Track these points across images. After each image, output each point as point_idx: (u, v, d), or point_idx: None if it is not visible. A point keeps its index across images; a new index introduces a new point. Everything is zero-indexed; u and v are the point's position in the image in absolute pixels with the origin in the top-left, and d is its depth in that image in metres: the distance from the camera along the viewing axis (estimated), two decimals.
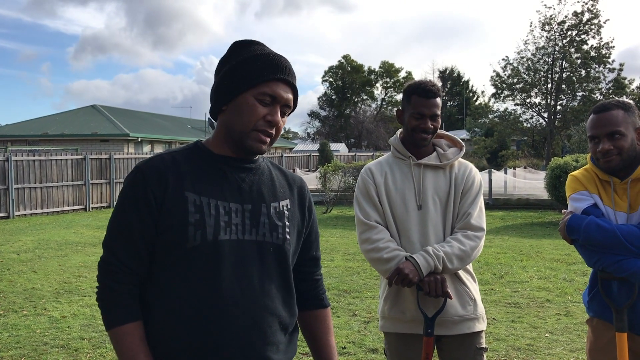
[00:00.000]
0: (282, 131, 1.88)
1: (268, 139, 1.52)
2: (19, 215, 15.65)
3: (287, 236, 1.57)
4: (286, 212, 1.59)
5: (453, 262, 2.27)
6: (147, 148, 26.46)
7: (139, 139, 25.96)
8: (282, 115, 1.53)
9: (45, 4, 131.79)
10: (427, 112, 2.36)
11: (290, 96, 1.53)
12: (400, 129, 2.58)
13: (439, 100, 2.40)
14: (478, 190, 2.45)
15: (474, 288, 2.47)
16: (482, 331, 2.45)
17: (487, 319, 5.37)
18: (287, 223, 1.58)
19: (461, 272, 2.42)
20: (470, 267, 2.48)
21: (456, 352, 2.40)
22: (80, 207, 17.46)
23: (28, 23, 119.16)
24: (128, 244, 1.46)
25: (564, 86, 32.12)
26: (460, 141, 2.54)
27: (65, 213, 16.81)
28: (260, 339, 1.49)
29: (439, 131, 2.51)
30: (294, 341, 1.64)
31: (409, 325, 2.40)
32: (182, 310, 1.44)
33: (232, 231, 1.48)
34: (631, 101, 2.54)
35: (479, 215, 2.40)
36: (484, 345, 2.43)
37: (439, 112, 2.40)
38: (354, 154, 35.10)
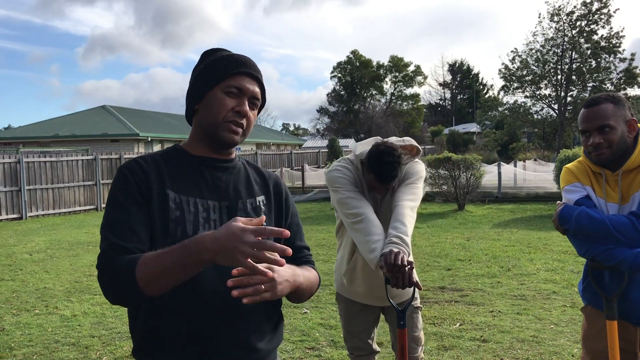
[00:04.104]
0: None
1: (239, 129, 1.58)
2: (32, 216, 15.86)
3: None
4: (263, 207, 1.66)
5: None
6: (157, 147, 26.61)
7: (149, 139, 26.15)
8: (252, 109, 1.61)
9: (53, 5, 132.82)
10: (382, 189, 2.60)
11: (257, 89, 1.61)
12: (366, 143, 2.67)
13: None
14: (416, 179, 2.62)
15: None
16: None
17: (492, 311, 5.43)
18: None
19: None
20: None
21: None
22: (92, 207, 17.65)
23: (37, 24, 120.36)
24: (129, 233, 1.45)
25: (574, 77, 31.87)
26: (417, 146, 2.67)
27: (77, 213, 17.00)
28: (244, 328, 1.54)
29: (403, 141, 2.66)
30: (279, 330, 1.69)
31: (360, 297, 2.86)
32: (165, 303, 1.48)
33: (210, 227, 1.54)
34: (621, 95, 2.57)
35: (412, 198, 2.56)
36: (418, 304, 2.87)
37: (396, 183, 2.58)
38: None
